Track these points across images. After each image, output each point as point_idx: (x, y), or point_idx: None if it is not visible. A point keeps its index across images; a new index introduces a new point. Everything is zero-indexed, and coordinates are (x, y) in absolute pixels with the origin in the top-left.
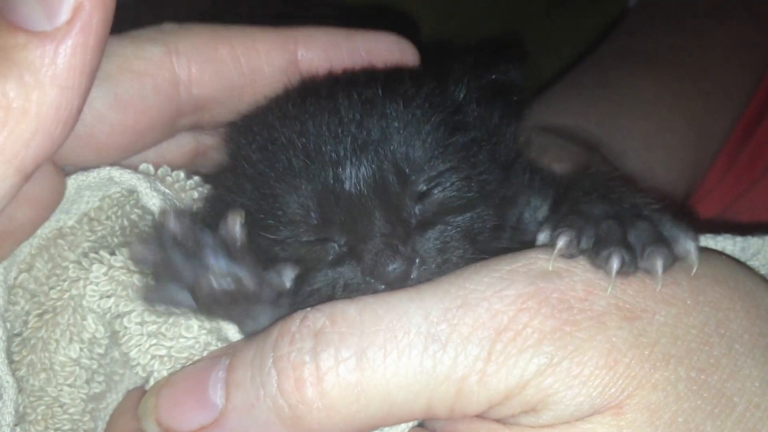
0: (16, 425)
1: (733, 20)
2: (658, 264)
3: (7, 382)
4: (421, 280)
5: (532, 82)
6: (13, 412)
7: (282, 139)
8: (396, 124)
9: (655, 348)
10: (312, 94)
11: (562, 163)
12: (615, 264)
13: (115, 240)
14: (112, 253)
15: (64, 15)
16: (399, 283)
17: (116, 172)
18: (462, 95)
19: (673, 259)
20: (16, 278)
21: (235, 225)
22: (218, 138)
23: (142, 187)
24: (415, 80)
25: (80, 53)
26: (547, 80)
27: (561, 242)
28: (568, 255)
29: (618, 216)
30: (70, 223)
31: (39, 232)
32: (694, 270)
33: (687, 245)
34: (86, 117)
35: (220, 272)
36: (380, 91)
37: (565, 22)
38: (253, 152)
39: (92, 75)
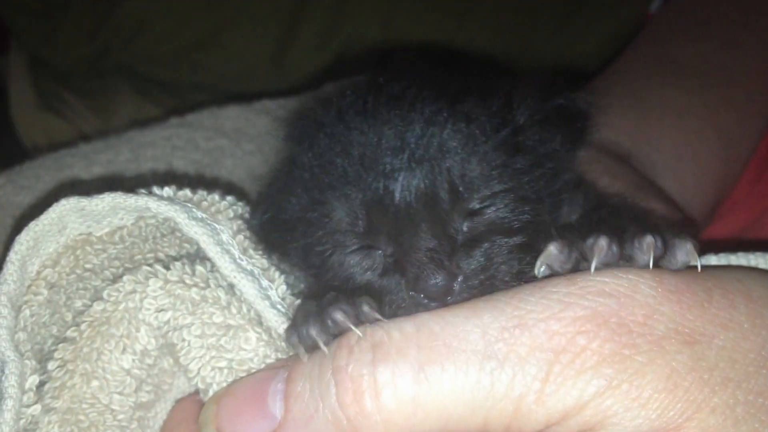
0: (36, 403)
1: (761, 28)
2: (648, 242)
3: (8, 357)
4: (463, 296)
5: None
6: (15, 386)
7: (339, 146)
8: (455, 142)
9: (714, 372)
10: (375, 104)
11: (599, 177)
12: (603, 242)
13: (148, 257)
14: (167, 268)
15: None
16: (441, 297)
17: (153, 204)
18: (525, 118)
19: (664, 251)
20: (40, 272)
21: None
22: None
23: (181, 218)
24: (480, 98)
25: None
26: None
27: (552, 247)
28: (560, 265)
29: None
30: (100, 233)
31: (67, 232)
32: (699, 266)
33: (685, 245)
34: None
35: None
36: (443, 108)
37: (579, 29)
38: (309, 157)
39: None
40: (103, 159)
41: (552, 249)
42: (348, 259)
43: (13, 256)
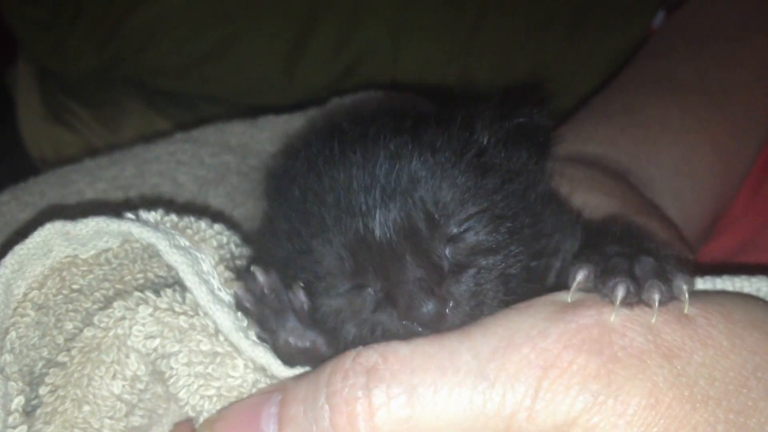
0: (22, 424)
1: (757, 44)
2: (655, 297)
3: None
4: (456, 321)
5: (555, 117)
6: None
7: (314, 196)
8: (424, 172)
9: (694, 388)
10: (341, 149)
11: (592, 195)
12: (620, 293)
13: (138, 277)
14: (158, 294)
15: None
16: (434, 324)
17: (136, 229)
18: (488, 138)
19: (670, 296)
20: (27, 294)
21: (299, 294)
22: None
23: (162, 245)
24: (442, 125)
25: None
26: (569, 106)
27: (580, 276)
28: (586, 288)
29: (627, 254)
30: (86, 255)
31: (53, 254)
32: (686, 310)
33: (680, 285)
34: None
35: (298, 334)
36: (407, 140)
37: (586, 47)
38: (287, 210)
39: None
40: (108, 175)
41: (581, 278)
42: (341, 300)
43: None
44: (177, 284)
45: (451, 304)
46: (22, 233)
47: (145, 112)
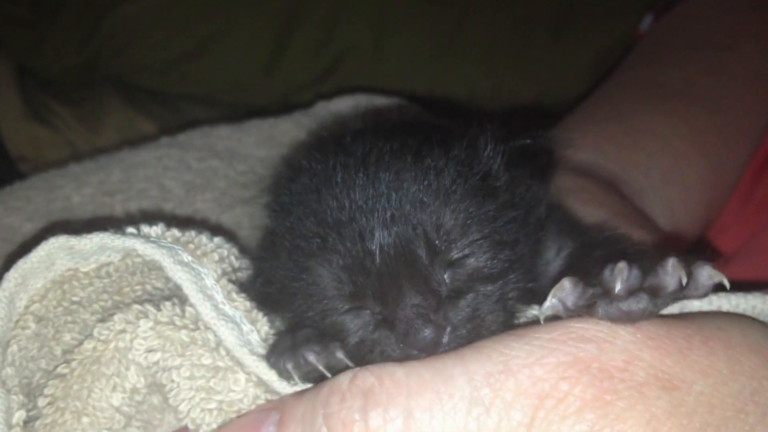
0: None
1: (747, 51)
2: (671, 271)
3: None
4: (453, 346)
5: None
6: (2, 422)
7: (314, 215)
8: (426, 197)
9: (693, 418)
10: (343, 168)
11: (585, 206)
12: (622, 265)
13: (136, 289)
14: (158, 307)
15: None
16: (431, 349)
17: (140, 246)
18: (491, 161)
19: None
20: (28, 306)
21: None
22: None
23: (166, 262)
24: (445, 148)
25: None
26: (553, 106)
27: (566, 281)
28: (573, 301)
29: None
30: (87, 269)
31: (56, 267)
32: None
33: (705, 269)
34: None
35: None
36: (410, 163)
37: (570, 46)
38: (287, 227)
39: None
40: (94, 180)
41: (566, 283)
42: (340, 320)
43: (1, 294)
44: (175, 297)
45: (448, 330)
46: (25, 247)
47: (126, 111)
